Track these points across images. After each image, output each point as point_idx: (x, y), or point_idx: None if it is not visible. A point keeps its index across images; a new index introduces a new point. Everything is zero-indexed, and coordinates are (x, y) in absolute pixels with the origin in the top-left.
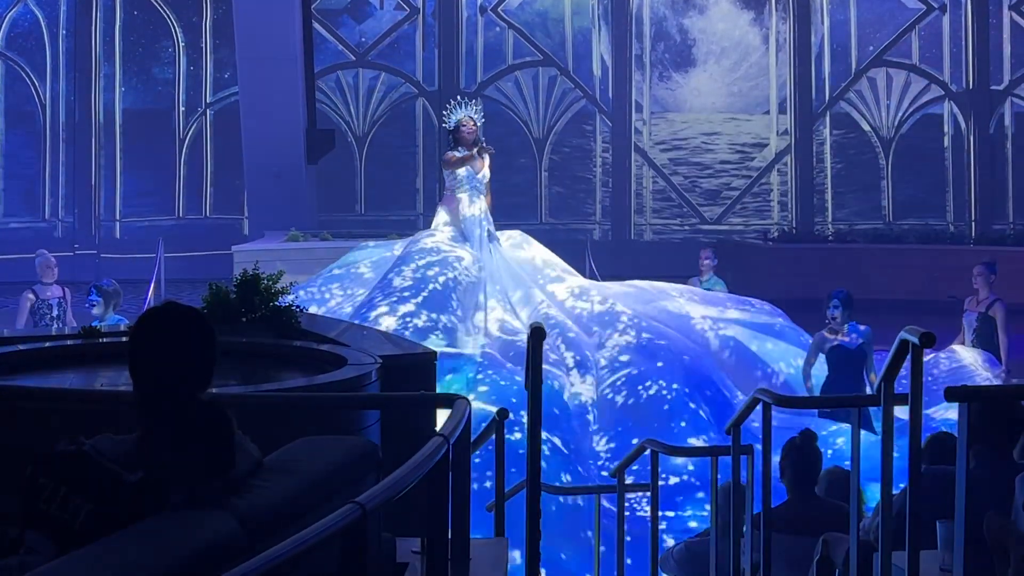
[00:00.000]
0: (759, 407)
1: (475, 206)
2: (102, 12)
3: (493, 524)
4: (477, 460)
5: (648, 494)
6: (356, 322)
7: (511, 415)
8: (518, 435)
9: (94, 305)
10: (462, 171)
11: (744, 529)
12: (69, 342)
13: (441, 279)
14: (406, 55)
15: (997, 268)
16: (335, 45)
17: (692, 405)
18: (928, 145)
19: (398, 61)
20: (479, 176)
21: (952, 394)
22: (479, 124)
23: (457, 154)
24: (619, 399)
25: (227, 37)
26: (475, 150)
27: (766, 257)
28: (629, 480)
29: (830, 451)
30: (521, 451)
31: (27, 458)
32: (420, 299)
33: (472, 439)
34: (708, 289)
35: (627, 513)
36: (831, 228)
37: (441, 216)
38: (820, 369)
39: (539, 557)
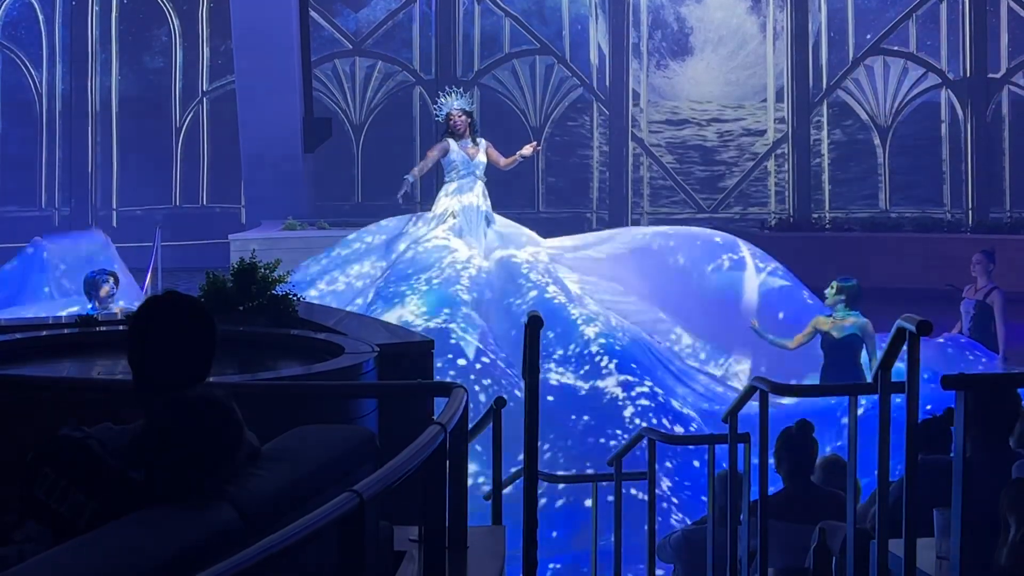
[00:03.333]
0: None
1: (468, 195)
2: (98, 0)
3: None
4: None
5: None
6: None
7: None
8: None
9: (112, 295)
10: (456, 157)
11: (741, 517)
12: (66, 330)
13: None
14: (403, 43)
15: (996, 257)
16: (331, 33)
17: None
18: (925, 133)
19: (395, 49)
20: (474, 162)
21: (949, 382)
22: (471, 111)
23: (435, 152)
24: None
25: (223, 25)
26: (473, 140)
27: (763, 245)
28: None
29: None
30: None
31: (25, 446)
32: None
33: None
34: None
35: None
36: (828, 216)
37: (437, 204)
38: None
39: (536, 545)
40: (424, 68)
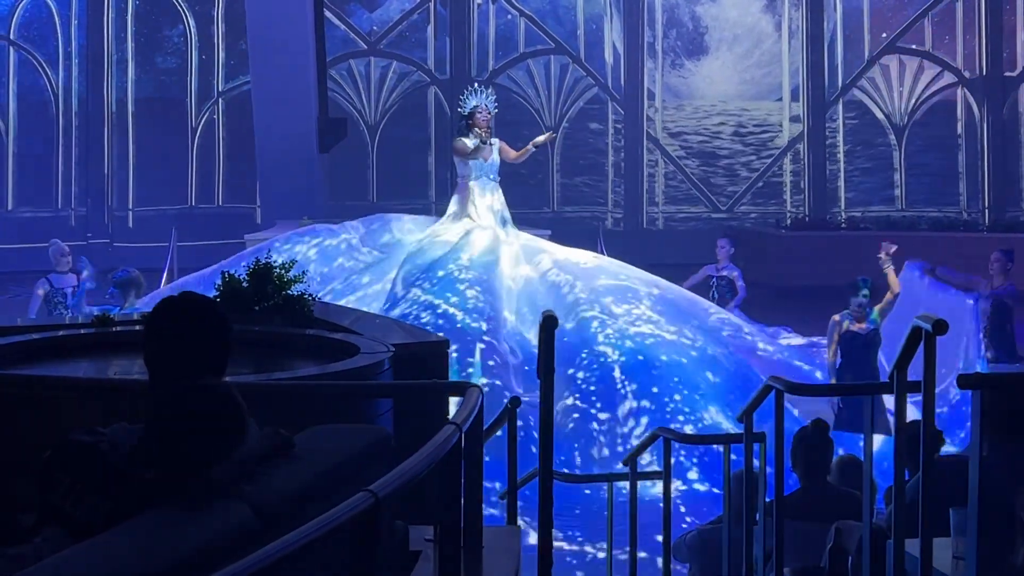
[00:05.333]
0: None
1: (487, 197)
2: (114, 1)
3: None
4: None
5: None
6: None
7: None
8: None
9: (114, 296)
10: (471, 160)
11: (757, 517)
12: (83, 331)
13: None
14: (417, 43)
15: (1014, 255)
16: (346, 33)
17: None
18: (941, 132)
19: (409, 50)
20: (487, 164)
21: (965, 381)
22: (493, 112)
23: (469, 143)
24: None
25: (239, 25)
26: (539, 139)
27: (779, 244)
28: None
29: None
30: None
31: (42, 445)
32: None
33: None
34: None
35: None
36: (844, 215)
37: (453, 206)
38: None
39: (552, 544)
40: (439, 68)
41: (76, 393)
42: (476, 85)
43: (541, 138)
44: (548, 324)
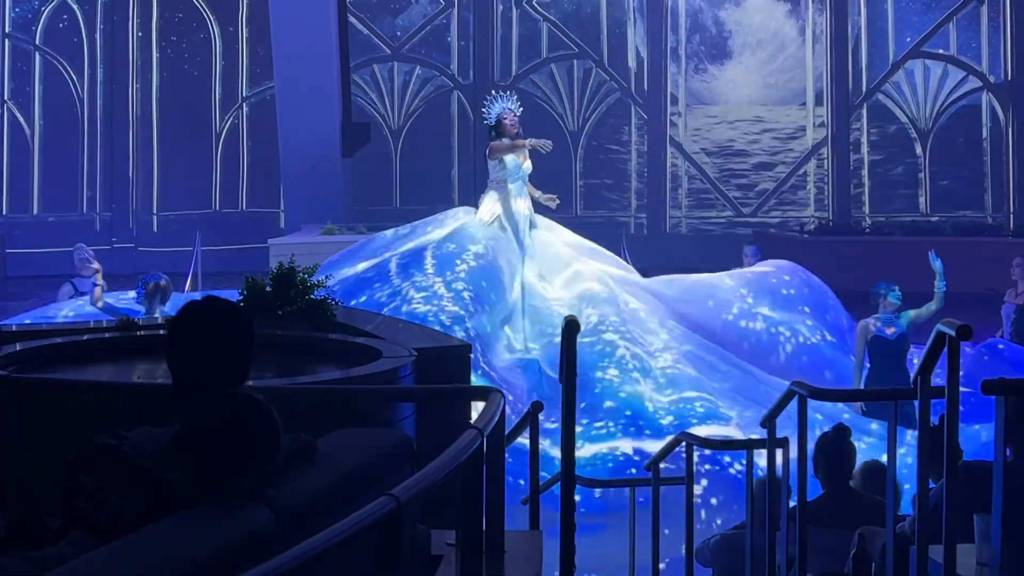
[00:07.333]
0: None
1: (520, 200)
2: (138, 7)
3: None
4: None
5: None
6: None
7: None
8: None
9: (140, 298)
10: (509, 161)
11: (780, 522)
12: (107, 334)
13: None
14: (441, 48)
15: None
16: (369, 38)
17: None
18: (966, 137)
19: (433, 54)
20: (524, 167)
21: (989, 387)
22: (518, 113)
23: (506, 142)
24: None
25: (263, 31)
26: (527, 141)
27: (802, 250)
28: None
29: (863, 444)
30: None
31: (66, 449)
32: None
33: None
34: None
35: None
36: (868, 220)
37: (486, 207)
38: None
39: (574, 550)
40: (462, 73)
41: (100, 396)
42: (494, 92)
43: (552, 204)
44: (569, 329)
